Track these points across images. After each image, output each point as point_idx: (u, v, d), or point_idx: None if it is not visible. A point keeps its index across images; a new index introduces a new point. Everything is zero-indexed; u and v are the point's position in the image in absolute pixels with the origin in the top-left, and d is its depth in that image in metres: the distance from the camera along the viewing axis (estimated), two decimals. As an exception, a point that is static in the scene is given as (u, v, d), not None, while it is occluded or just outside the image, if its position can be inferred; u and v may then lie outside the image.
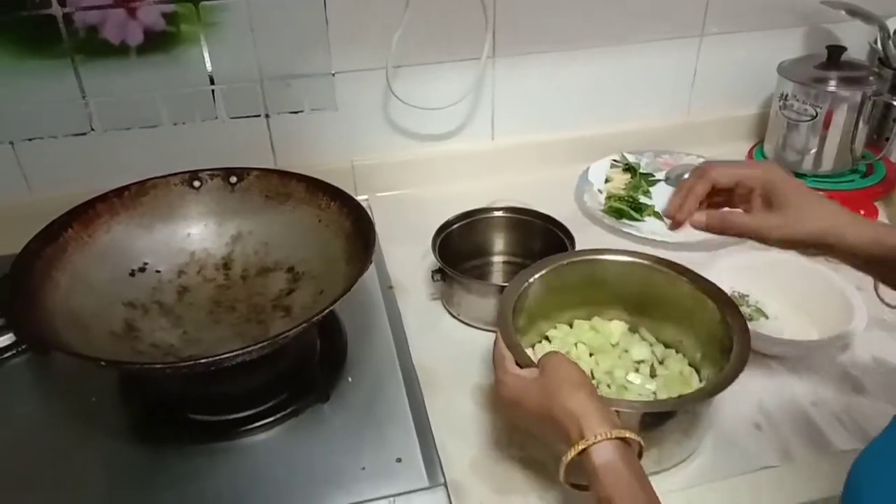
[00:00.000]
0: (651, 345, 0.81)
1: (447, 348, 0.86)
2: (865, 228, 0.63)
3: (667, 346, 0.81)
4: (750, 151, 1.23)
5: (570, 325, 0.83)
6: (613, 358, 0.79)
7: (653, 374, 0.78)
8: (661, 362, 0.80)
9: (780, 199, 0.64)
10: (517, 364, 0.66)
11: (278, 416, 0.76)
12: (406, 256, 1.00)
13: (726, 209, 0.69)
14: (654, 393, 0.75)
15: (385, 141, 1.14)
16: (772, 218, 0.64)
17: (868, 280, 0.92)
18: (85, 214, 0.83)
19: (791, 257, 0.95)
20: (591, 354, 0.80)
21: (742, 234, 0.67)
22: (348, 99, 1.08)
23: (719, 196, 0.69)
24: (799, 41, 1.22)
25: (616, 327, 0.83)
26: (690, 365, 0.79)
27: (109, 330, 0.77)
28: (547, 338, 0.82)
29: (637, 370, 0.78)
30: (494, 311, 0.86)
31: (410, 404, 0.78)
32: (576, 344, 0.80)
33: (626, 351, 0.80)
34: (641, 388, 0.75)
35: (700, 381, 0.77)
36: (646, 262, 0.80)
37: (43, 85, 0.97)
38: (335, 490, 0.69)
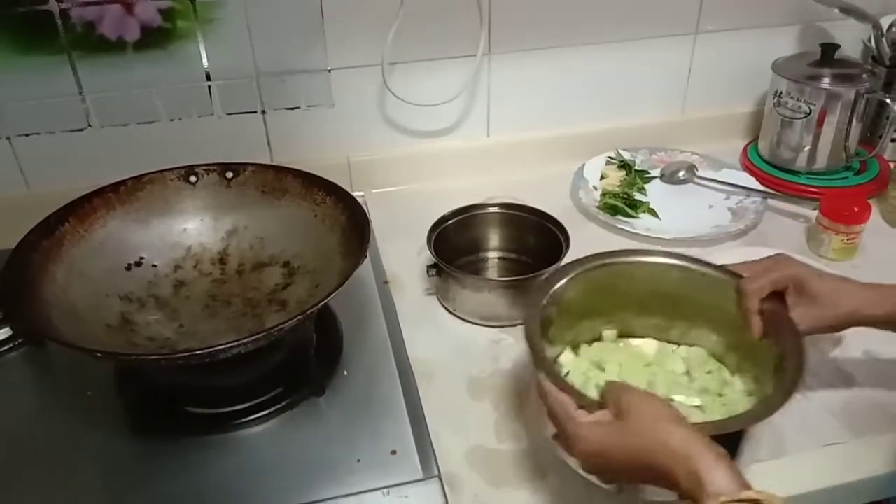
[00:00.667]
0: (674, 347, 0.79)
1: (442, 342, 0.86)
2: (884, 301, 0.69)
3: (684, 343, 0.79)
4: (744, 149, 1.24)
5: (588, 343, 0.78)
6: (649, 375, 0.74)
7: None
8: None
9: (809, 292, 0.70)
10: (581, 407, 0.59)
11: (274, 409, 0.76)
12: (401, 252, 1.00)
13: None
14: (701, 408, 0.71)
15: (381, 137, 1.14)
16: (801, 311, 0.70)
17: (863, 278, 0.93)
18: (81, 209, 0.83)
19: (788, 252, 0.96)
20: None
21: None
22: (344, 95, 1.09)
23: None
24: (793, 39, 1.23)
25: (648, 347, 0.79)
26: (714, 357, 0.77)
27: (105, 323, 0.77)
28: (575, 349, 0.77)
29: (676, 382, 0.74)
30: (489, 306, 0.87)
31: (405, 397, 0.78)
32: (603, 368, 0.75)
33: (660, 366, 0.76)
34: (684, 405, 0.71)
35: (731, 373, 0.75)
36: (653, 259, 0.76)
37: (40, 81, 0.97)
38: (330, 482, 0.69)
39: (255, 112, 1.07)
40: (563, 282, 0.73)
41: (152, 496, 0.69)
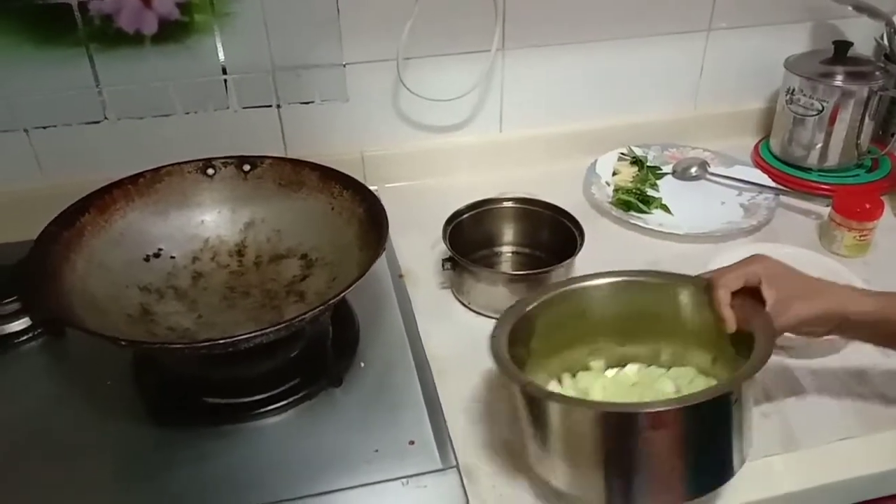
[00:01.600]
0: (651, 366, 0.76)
1: (457, 335, 0.87)
2: (868, 300, 0.67)
3: (671, 364, 0.75)
4: (756, 146, 1.24)
5: (574, 374, 0.75)
6: (637, 396, 0.72)
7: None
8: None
9: (785, 289, 0.67)
10: None
11: (291, 399, 0.77)
12: (415, 246, 1.01)
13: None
14: None
15: (394, 132, 1.14)
16: (779, 305, 0.66)
17: (875, 274, 0.94)
18: (101, 200, 0.84)
19: (797, 249, 0.97)
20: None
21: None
22: (358, 90, 1.09)
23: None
24: (806, 36, 1.23)
25: (631, 372, 0.76)
26: (704, 374, 0.73)
27: (126, 313, 0.78)
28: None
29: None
30: (503, 300, 0.87)
31: (422, 389, 0.79)
32: (588, 393, 0.72)
33: (648, 387, 0.74)
34: None
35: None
36: (628, 278, 0.74)
37: (58, 73, 0.97)
38: (349, 471, 0.70)
39: (270, 106, 1.07)
40: (525, 314, 0.71)
41: (169, 484, 0.70)
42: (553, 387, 0.73)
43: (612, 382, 0.74)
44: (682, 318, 0.73)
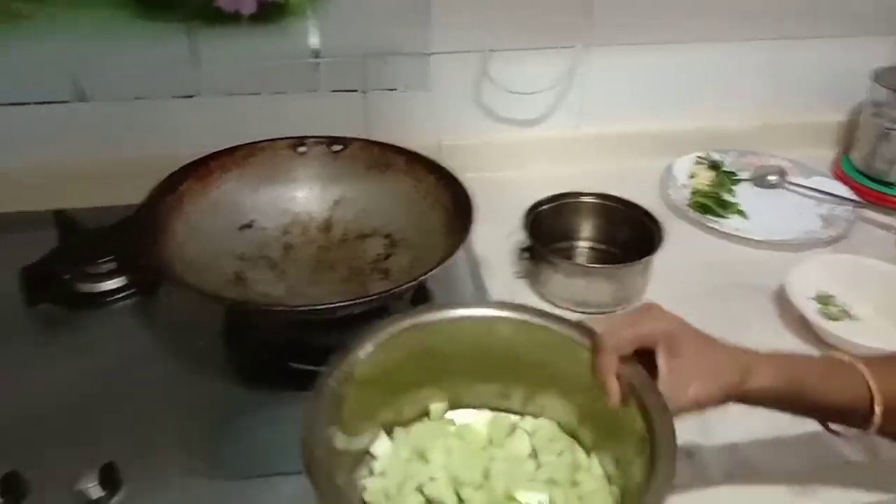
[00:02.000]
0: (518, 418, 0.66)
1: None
2: (768, 375, 0.57)
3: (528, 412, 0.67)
4: (837, 158, 1.23)
5: (408, 424, 0.65)
6: (486, 461, 0.61)
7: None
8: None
9: (685, 355, 0.57)
10: None
11: (371, 372, 0.79)
12: (491, 236, 1.01)
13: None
14: None
15: (473, 122, 1.16)
16: (675, 383, 0.56)
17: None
18: (199, 169, 0.87)
19: (878, 262, 0.95)
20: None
21: None
22: (439, 79, 1.11)
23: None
24: (892, 49, 1.21)
25: (484, 422, 0.65)
26: (566, 431, 0.65)
27: (223, 279, 0.82)
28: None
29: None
30: (581, 292, 0.89)
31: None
32: (427, 458, 0.61)
33: (500, 447, 0.63)
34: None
35: (587, 451, 0.63)
36: (479, 312, 0.64)
37: (156, 47, 1.00)
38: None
39: (356, 91, 1.10)
40: (366, 349, 0.60)
41: (251, 442, 0.73)
42: (382, 445, 0.62)
43: (458, 441, 0.63)
44: (551, 363, 0.62)
